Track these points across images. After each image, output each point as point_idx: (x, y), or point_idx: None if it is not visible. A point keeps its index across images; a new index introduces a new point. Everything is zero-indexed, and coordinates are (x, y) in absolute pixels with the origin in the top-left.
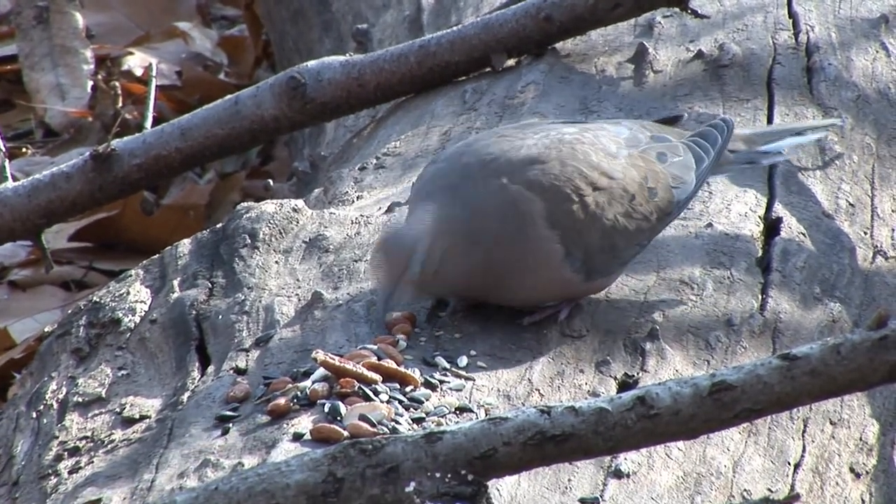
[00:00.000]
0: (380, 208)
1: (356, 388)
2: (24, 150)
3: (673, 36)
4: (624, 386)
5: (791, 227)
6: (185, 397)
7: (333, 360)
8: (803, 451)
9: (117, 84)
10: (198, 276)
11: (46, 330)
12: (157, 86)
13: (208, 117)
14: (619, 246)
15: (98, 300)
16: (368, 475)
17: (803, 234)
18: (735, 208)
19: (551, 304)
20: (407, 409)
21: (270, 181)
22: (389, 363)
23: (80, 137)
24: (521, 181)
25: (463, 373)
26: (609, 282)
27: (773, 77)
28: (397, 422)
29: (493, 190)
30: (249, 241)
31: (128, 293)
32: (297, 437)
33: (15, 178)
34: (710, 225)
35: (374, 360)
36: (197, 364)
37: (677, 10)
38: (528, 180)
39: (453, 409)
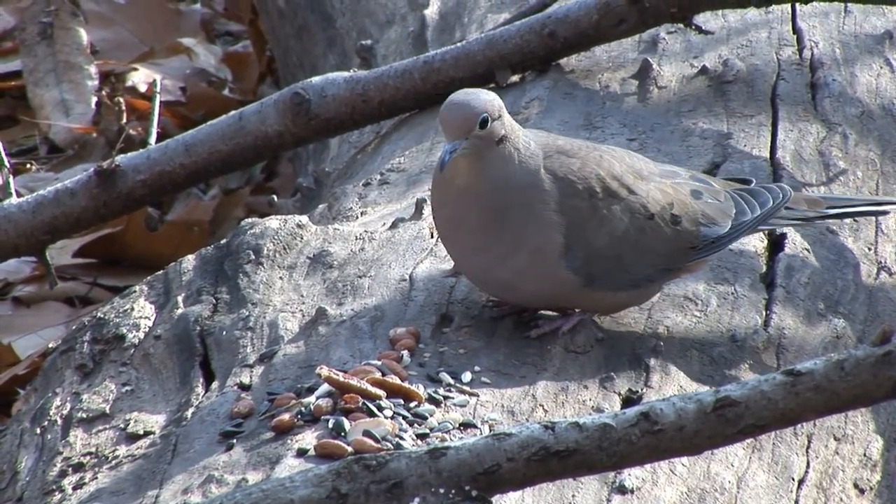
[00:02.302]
0: (384, 224)
1: (360, 403)
2: (28, 165)
3: (677, 52)
4: (628, 402)
5: (795, 242)
6: (189, 413)
7: (337, 375)
8: (807, 466)
9: (121, 100)
10: (202, 291)
11: (51, 346)
12: (161, 102)
13: (212, 133)
14: (627, 259)
15: (102, 316)
16: (372, 491)
17: (807, 250)
18: None
19: (556, 314)
20: (411, 424)
21: (274, 197)
22: (393, 379)
23: (84, 153)
24: (545, 164)
25: (467, 388)
26: (616, 299)
27: (778, 93)
28: (401, 437)
29: (532, 153)
30: (253, 256)
31: (132, 309)
32: (302, 453)
33: (19, 194)
34: None
35: (378, 375)
36: (201, 380)
37: (681, 26)
38: (548, 166)
39: (457, 425)
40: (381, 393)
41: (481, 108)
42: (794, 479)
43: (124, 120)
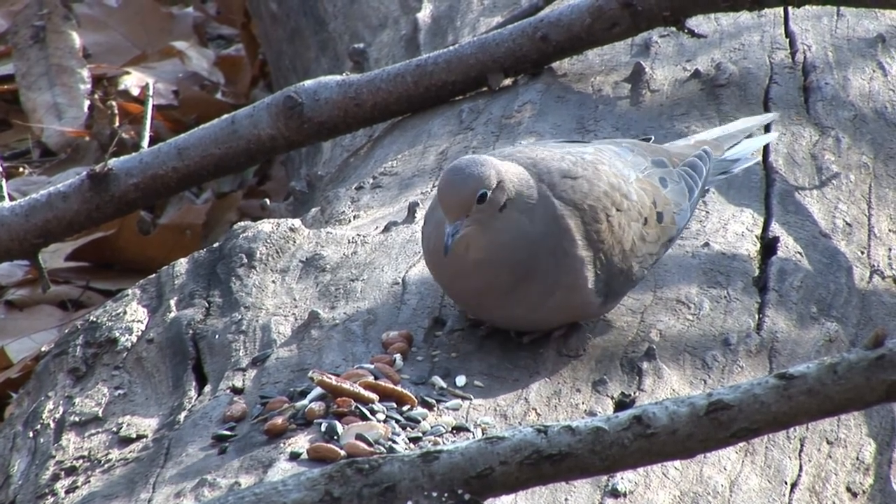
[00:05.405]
0: (377, 228)
1: (353, 407)
2: (21, 169)
3: (670, 55)
4: (621, 405)
5: (788, 246)
6: (181, 416)
7: (330, 379)
8: (800, 470)
9: (114, 103)
10: (194, 295)
11: (43, 349)
12: (153, 105)
13: (205, 137)
14: (633, 269)
15: (95, 320)
16: (365, 494)
17: (800, 254)
18: (732, 228)
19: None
20: (404, 428)
21: (267, 200)
22: (386, 382)
23: (76, 157)
24: (558, 194)
25: (460, 392)
26: (615, 305)
27: (770, 96)
28: (394, 441)
29: (540, 195)
30: (246, 260)
31: (125, 313)
32: (294, 457)
33: (12, 198)
34: (706, 244)
35: (370, 379)
36: (194, 383)
37: (674, 29)
38: (562, 195)
39: (450, 429)
40: (374, 396)
41: (476, 184)
42: (786, 483)
43: (117, 123)
